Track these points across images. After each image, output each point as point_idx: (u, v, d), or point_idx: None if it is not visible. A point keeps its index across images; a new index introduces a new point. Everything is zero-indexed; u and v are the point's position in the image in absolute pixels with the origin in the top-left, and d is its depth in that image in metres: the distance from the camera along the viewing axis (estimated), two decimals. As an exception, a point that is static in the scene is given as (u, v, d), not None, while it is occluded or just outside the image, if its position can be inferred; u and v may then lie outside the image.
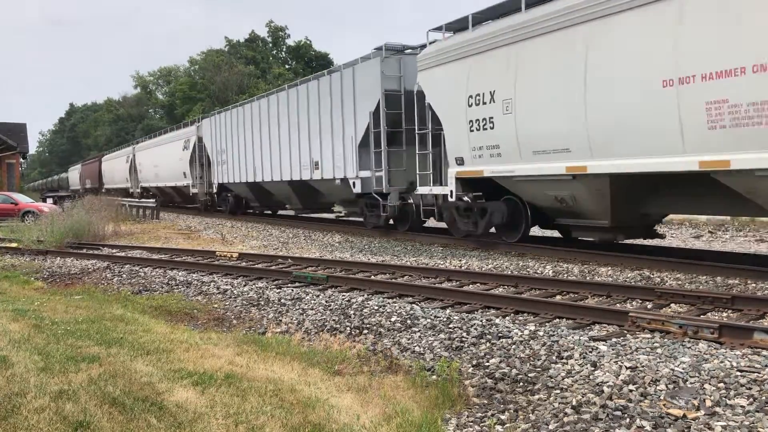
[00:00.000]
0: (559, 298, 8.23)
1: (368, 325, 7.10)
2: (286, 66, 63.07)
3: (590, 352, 5.42)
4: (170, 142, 33.49)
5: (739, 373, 4.66)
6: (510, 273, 10.19)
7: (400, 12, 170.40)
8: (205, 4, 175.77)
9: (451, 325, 6.62)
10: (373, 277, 10.27)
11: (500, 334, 6.15)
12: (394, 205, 15.82)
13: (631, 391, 4.55)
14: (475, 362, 5.65)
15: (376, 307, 7.67)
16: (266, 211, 26.73)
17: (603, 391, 4.60)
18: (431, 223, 17.19)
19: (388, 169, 15.87)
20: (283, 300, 8.67)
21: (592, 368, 5.06)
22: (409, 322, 6.97)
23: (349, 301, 8.14)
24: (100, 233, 18.89)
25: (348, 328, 7.16)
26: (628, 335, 6.04)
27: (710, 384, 4.53)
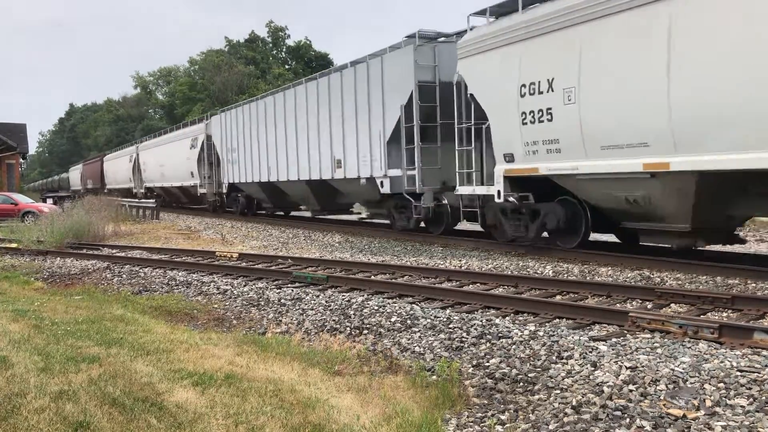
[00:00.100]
0: (559, 298, 8.23)
1: (368, 326, 7.10)
2: (286, 66, 63.12)
3: (590, 352, 5.42)
4: (176, 141, 32.40)
5: (739, 373, 4.66)
6: (510, 273, 10.20)
7: (400, 12, 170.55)
8: (205, 4, 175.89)
9: (451, 326, 6.62)
10: (373, 277, 10.27)
11: (500, 334, 6.15)
12: (429, 207, 14.68)
13: (631, 391, 4.55)
14: (475, 362, 5.65)
15: (376, 308, 7.68)
16: (278, 213, 25.72)
17: (603, 391, 4.60)
18: (462, 226, 16.16)
19: (422, 167, 14.69)
20: (283, 300, 8.67)
21: (592, 368, 5.06)
22: (409, 322, 6.97)
23: (349, 301, 8.15)
24: (100, 233, 18.91)
25: (348, 329, 7.16)
26: (628, 335, 6.04)
27: (710, 384, 4.53)
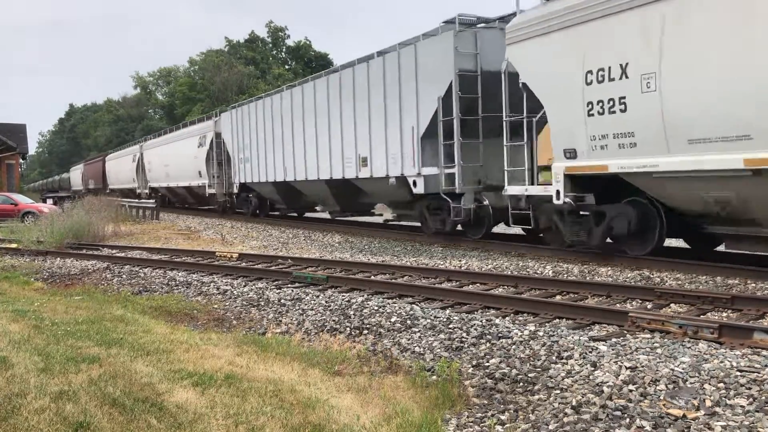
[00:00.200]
0: (559, 298, 8.23)
1: (368, 326, 7.10)
2: (286, 66, 63.17)
3: (590, 352, 5.42)
4: (183, 139, 30.98)
5: (739, 373, 4.66)
6: (510, 273, 10.19)
7: (399, 12, 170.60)
8: (205, 4, 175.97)
9: (451, 326, 6.62)
10: (372, 277, 10.27)
11: (500, 335, 6.15)
12: (469, 208, 13.32)
13: (631, 391, 4.55)
14: (475, 362, 5.66)
15: (376, 308, 7.67)
16: (291, 214, 24.31)
17: (603, 391, 4.60)
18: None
19: (462, 164, 13.43)
20: (283, 300, 8.67)
21: (592, 368, 5.06)
22: (409, 322, 6.97)
23: (348, 301, 8.15)
24: (100, 234, 18.92)
25: (348, 329, 7.16)
26: (628, 335, 6.04)
27: (710, 384, 4.53)
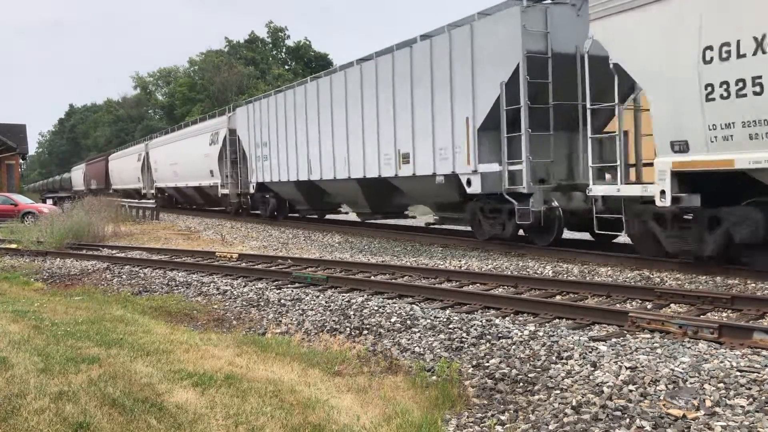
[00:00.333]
0: (559, 298, 8.23)
1: (368, 326, 7.10)
2: (286, 66, 63.15)
3: (590, 352, 5.42)
4: (193, 137, 29.30)
5: (738, 373, 4.66)
6: (510, 273, 10.19)
7: (399, 12, 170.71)
8: (205, 4, 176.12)
9: (451, 326, 6.62)
10: (372, 277, 10.27)
11: (500, 335, 6.15)
12: (539, 211, 11.61)
13: (631, 391, 4.55)
14: (475, 363, 5.66)
15: (376, 308, 7.67)
16: (311, 215, 22.49)
17: (603, 392, 4.60)
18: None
19: (531, 160, 11.81)
20: (282, 301, 8.67)
21: (592, 368, 5.06)
22: (409, 322, 6.97)
23: (348, 301, 8.14)
24: (100, 234, 18.93)
25: (348, 329, 7.16)
26: (627, 335, 6.04)
27: (710, 384, 4.53)
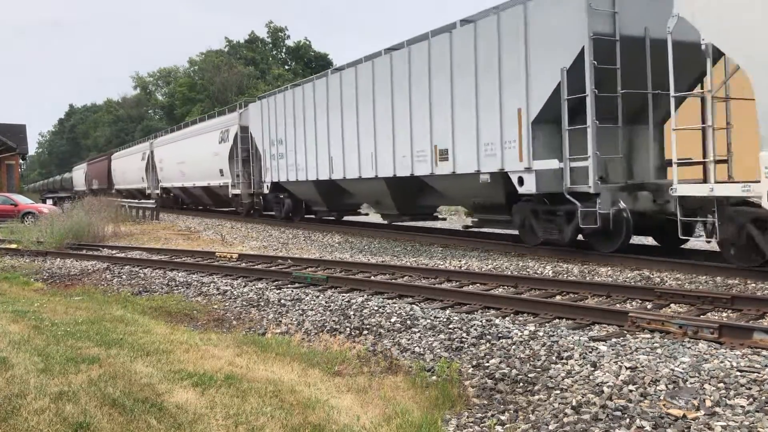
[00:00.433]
0: (559, 298, 8.23)
1: (368, 326, 7.10)
2: (286, 67, 63.15)
3: (590, 352, 5.42)
4: (201, 134, 28.25)
5: (739, 373, 4.66)
6: (510, 273, 10.19)
7: (399, 12, 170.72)
8: (205, 4, 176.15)
9: (451, 326, 6.62)
10: (372, 277, 10.27)
11: (500, 335, 6.15)
12: (607, 213, 10.32)
13: (631, 391, 4.55)
14: (475, 363, 5.66)
15: (376, 308, 7.67)
16: (329, 217, 21.16)
17: (603, 392, 4.60)
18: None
19: (599, 155, 10.51)
20: (282, 301, 8.67)
21: (592, 368, 5.06)
22: (408, 322, 6.97)
23: (348, 301, 8.14)
24: (100, 234, 18.93)
25: (348, 329, 7.16)
26: (627, 335, 6.04)
27: (710, 384, 4.53)
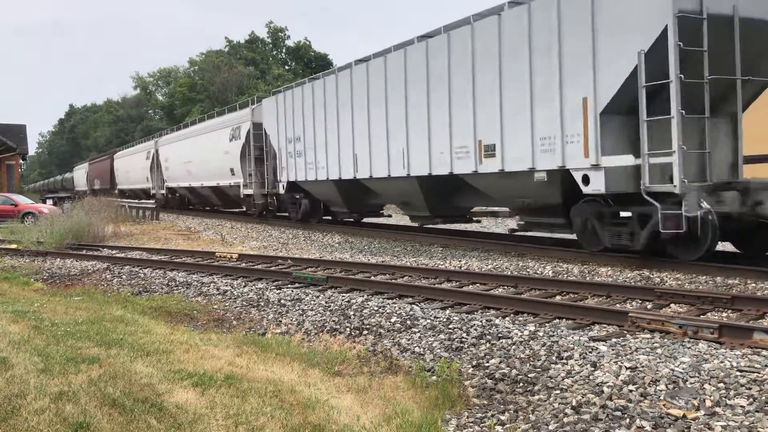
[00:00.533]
0: (558, 298, 8.23)
1: (368, 326, 7.10)
2: (286, 67, 63.14)
3: (590, 352, 5.42)
4: (210, 132, 26.96)
5: (739, 373, 4.66)
6: (510, 273, 10.19)
7: (399, 12, 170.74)
8: (205, 4, 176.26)
9: (450, 326, 6.62)
10: (372, 277, 10.27)
11: (500, 335, 6.15)
12: (695, 216, 9.14)
13: (631, 391, 4.55)
14: (475, 363, 5.65)
15: (376, 308, 7.67)
16: (348, 219, 19.90)
17: (603, 392, 4.60)
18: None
19: (685, 150, 9.24)
20: (282, 301, 8.67)
21: (592, 368, 5.06)
22: (408, 322, 6.97)
23: (348, 301, 8.14)
24: (100, 234, 18.93)
25: (348, 329, 7.16)
26: (627, 335, 6.04)
27: (710, 384, 4.53)
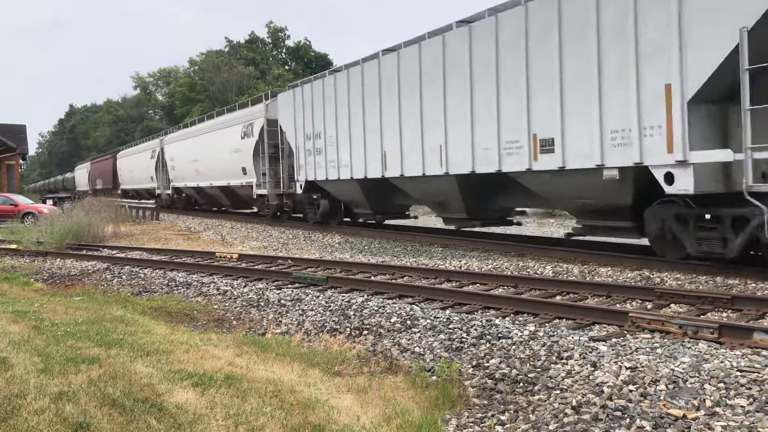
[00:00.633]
0: (559, 298, 8.23)
1: (368, 326, 7.10)
2: (286, 67, 63.14)
3: (590, 352, 5.42)
4: (220, 130, 25.87)
5: (739, 373, 4.66)
6: (510, 273, 10.19)
7: (399, 12, 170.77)
8: (205, 4, 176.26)
9: (451, 326, 6.62)
10: (372, 277, 10.27)
11: (500, 335, 6.15)
12: None
13: (631, 391, 4.55)
14: (475, 363, 5.65)
15: (376, 308, 7.67)
16: (371, 221, 18.52)
17: (603, 392, 4.60)
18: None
19: None
20: (282, 301, 8.67)
21: (592, 368, 5.06)
22: (409, 322, 6.97)
23: (348, 301, 8.14)
24: (100, 234, 18.92)
25: (348, 329, 7.16)
26: (628, 335, 6.04)
27: (710, 384, 4.53)
